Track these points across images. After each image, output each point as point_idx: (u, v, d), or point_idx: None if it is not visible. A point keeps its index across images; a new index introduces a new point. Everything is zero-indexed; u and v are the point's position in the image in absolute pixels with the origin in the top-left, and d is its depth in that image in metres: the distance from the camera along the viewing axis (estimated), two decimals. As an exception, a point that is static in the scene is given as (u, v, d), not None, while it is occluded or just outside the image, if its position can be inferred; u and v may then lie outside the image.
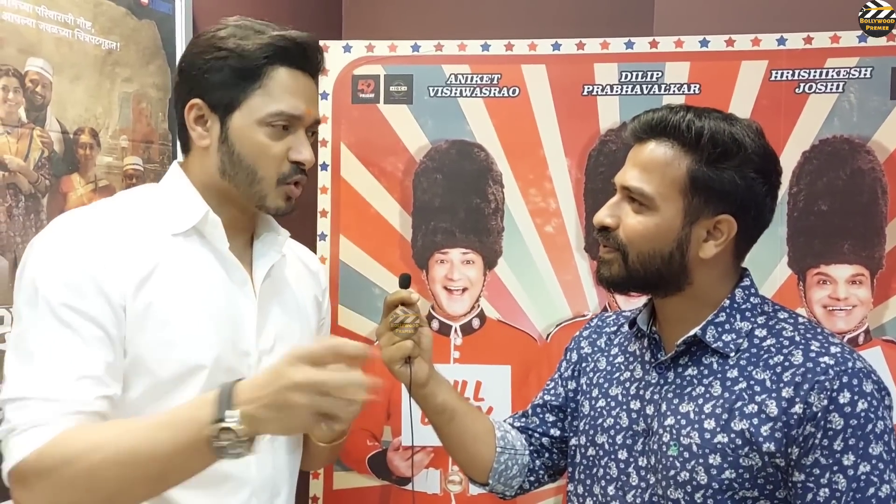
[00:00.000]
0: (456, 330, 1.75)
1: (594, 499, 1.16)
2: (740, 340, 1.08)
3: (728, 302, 1.10)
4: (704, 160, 1.05)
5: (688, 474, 1.04)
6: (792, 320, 1.10)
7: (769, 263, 1.64)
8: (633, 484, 1.12)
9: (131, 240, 1.06)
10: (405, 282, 1.19)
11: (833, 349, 1.03)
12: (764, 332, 1.08)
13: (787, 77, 1.66)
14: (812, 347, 1.04)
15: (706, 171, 1.05)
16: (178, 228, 1.10)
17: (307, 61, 1.14)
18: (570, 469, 1.23)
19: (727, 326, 1.08)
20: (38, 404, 0.96)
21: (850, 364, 1.01)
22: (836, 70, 1.64)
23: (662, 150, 1.07)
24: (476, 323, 1.75)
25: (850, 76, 1.64)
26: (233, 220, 1.15)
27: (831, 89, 1.65)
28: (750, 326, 1.08)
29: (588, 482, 1.18)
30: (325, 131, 1.77)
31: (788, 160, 1.65)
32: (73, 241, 1.03)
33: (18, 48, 1.27)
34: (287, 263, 1.25)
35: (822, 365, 1.01)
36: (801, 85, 1.66)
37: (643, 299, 1.22)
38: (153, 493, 0.97)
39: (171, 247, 1.09)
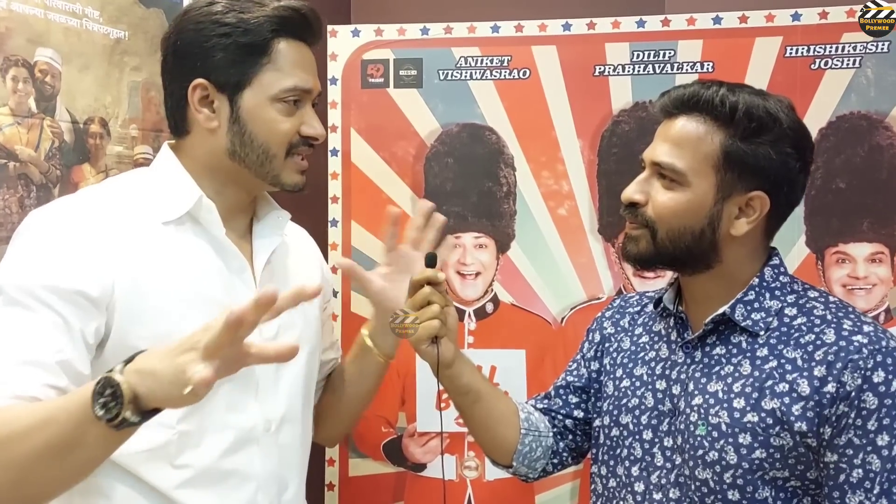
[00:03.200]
0: (469, 315, 1.74)
1: (618, 479, 1.16)
2: (770, 319, 1.06)
3: (757, 280, 1.08)
4: (739, 135, 1.03)
5: (717, 454, 1.03)
6: (822, 299, 1.08)
7: (787, 243, 1.62)
8: (658, 464, 1.11)
9: (116, 232, 1.01)
10: (431, 261, 1.16)
11: (866, 328, 1.01)
12: (794, 311, 1.06)
13: (802, 53, 1.63)
14: (844, 326, 1.02)
15: (741, 146, 1.03)
16: (170, 216, 1.06)
17: (310, 32, 1.10)
18: (593, 450, 1.22)
19: (756, 305, 1.07)
20: None
21: (883, 343, 0.99)
22: (853, 45, 1.61)
23: (694, 124, 1.05)
24: (490, 307, 1.74)
25: (867, 51, 1.61)
26: (236, 203, 1.12)
27: (848, 65, 1.62)
28: (780, 305, 1.07)
29: (611, 463, 1.17)
30: (334, 117, 1.76)
31: (805, 137, 1.63)
32: (53, 238, 0.99)
33: (27, 38, 1.27)
34: (288, 246, 1.21)
35: (856, 343, 0.99)
36: (817, 61, 1.63)
37: (660, 282, 1.21)
38: (57, 478, 0.88)
39: (161, 237, 1.04)
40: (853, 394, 0.97)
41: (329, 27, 1.77)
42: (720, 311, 1.07)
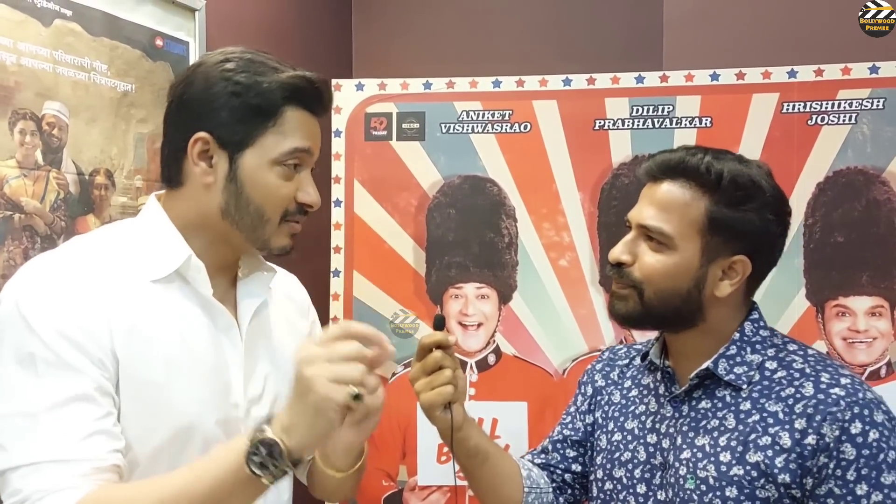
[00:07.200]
0: (471, 366, 1.73)
1: None
2: (752, 373, 1.09)
3: (738, 335, 1.10)
4: (724, 202, 1.06)
5: None
6: (801, 352, 1.10)
7: (787, 296, 1.63)
8: None
9: (109, 293, 0.99)
10: (440, 323, 1.15)
11: (843, 380, 1.04)
12: (774, 365, 1.09)
13: (798, 109, 1.67)
14: (822, 379, 1.05)
15: (726, 212, 1.06)
16: (159, 274, 1.03)
17: (320, 104, 1.09)
18: None
19: (738, 359, 1.09)
20: (52, 468, 0.89)
21: (860, 395, 1.02)
22: (849, 101, 1.64)
23: (680, 190, 1.08)
24: (492, 359, 1.74)
25: (863, 107, 1.64)
26: (221, 261, 1.10)
27: (844, 120, 1.65)
28: (761, 359, 1.09)
29: None
30: (338, 168, 1.78)
31: (803, 192, 1.65)
32: (54, 292, 0.96)
33: (36, 92, 1.28)
34: (272, 296, 1.18)
35: (833, 396, 1.02)
36: (814, 117, 1.66)
37: (657, 332, 1.22)
38: None
39: (151, 297, 1.02)
40: (832, 445, 0.99)
41: (333, 81, 1.80)
42: (704, 366, 1.10)
